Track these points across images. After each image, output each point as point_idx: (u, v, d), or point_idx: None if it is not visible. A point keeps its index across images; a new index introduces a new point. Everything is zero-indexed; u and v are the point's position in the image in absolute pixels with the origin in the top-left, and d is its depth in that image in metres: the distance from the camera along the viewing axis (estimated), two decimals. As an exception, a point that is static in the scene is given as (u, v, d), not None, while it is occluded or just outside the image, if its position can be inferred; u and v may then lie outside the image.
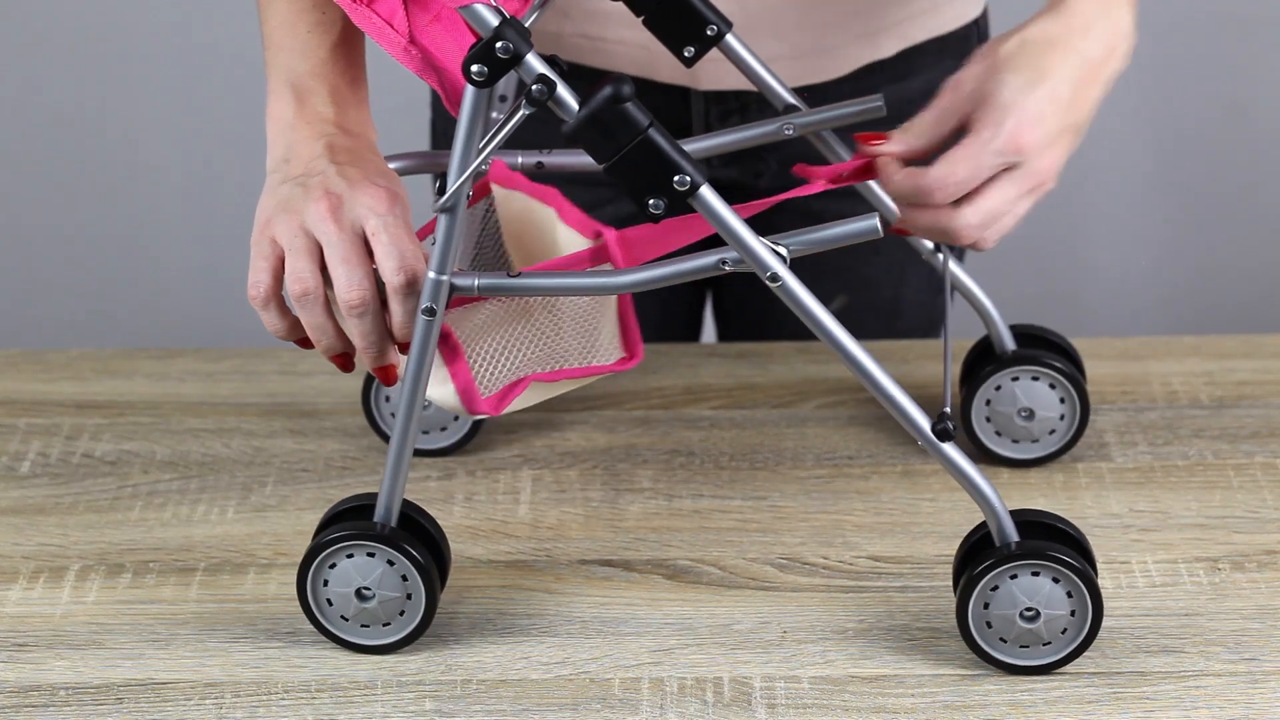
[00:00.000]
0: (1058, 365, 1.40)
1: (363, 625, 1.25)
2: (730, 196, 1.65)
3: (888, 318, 1.64)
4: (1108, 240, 2.72)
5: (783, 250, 1.17)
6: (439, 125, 1.65)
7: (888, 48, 1.52)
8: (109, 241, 2.71)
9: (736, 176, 1.57)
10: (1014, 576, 1.20)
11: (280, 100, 1.27)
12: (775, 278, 1.16)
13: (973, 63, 1.22)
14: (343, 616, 1.24)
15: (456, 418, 1.44)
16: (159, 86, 2.65)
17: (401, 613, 1.24)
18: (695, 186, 1.14)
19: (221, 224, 2.69)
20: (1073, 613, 1.20)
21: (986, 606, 1.20)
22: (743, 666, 1.23)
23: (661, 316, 1.69)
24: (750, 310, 1.70)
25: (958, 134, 1.23)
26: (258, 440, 1.48)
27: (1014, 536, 1.20)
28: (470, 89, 1.13)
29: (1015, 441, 1.42)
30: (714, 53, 1.36)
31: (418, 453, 1.45)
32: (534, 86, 1.12)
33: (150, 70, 2.64)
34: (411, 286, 1.20)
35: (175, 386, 1.55)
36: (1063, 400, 1.41)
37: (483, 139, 1.15)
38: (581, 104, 1.12)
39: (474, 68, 1.12)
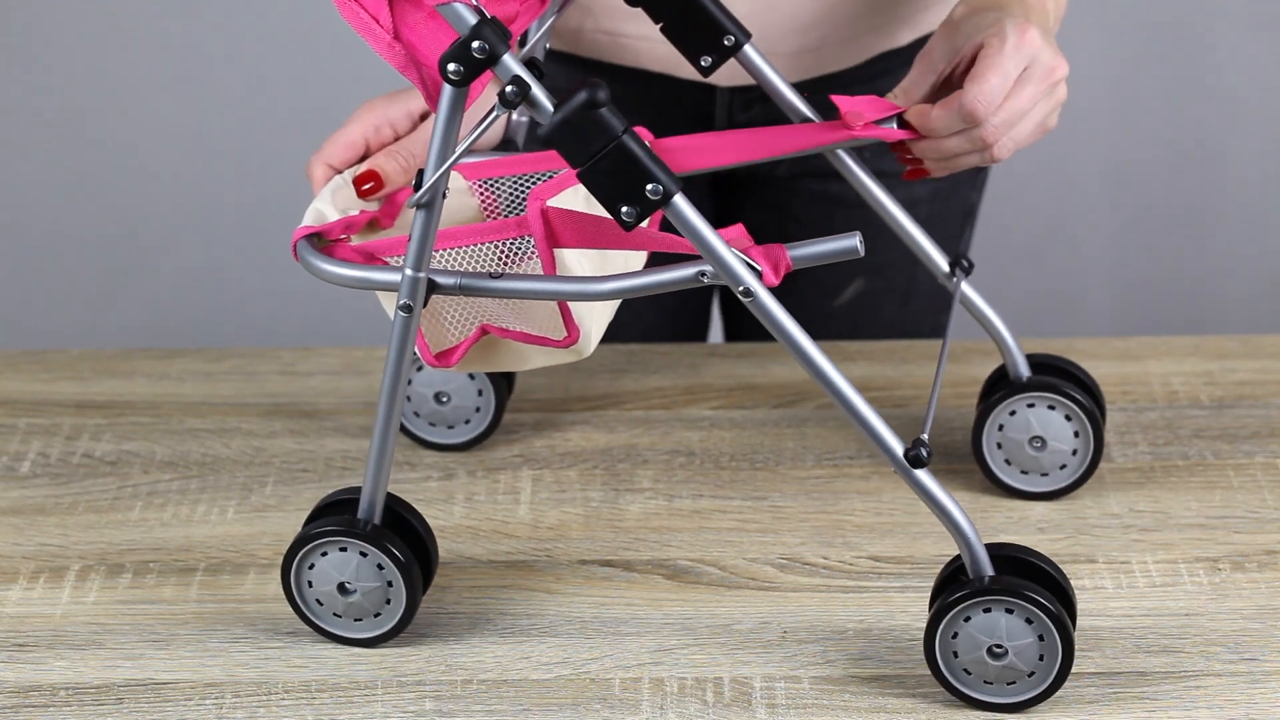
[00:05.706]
0: (1075, 396, 1.36)
1: (345, 618, 1.25)
2: (747, 186, 1.65)
3: (902, 300, 1.64)
4: (1106, 240, 2.72)
5: (756, 264, 1.15)
6: None
7: (903, 37, 1.54)
8: (109, 241, 2.71)
9: (753, 166, 1.57)
10: (987, 610, 1.17)
11: None
12: (748, 292, 1.14)
13: (952, 15, 1.30)
14: (328, 609, 1.25)
15: (477, 410, 1.44)
16: (159, 86, 2.65)
17: (383, 607, 1.24)
18: (668, 195, 1.12)
19: (222, 224, 2.69)
20: (1041, 657, 1.18)
21: (955, 636, 1.18)
22: (743, 666, 1.23)
23: (676, 304, 1.69)
24: None
25: (947, 81, 1.30)
26: (258, 440, 1.48)
27: (988, 570, 1.17)
28: (448, 87, 1.13)
29: (1024, 473, 1.38)
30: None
31: (435, 446, 1.46)
32: (507, 88, 1.11)
33: (151, 70, 2.64)
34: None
35: (175, 386, 1.55)
36: (1077, 434, 1.37)
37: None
38: (557, 107, 1.12)
39: (450, 66, 1.12)
